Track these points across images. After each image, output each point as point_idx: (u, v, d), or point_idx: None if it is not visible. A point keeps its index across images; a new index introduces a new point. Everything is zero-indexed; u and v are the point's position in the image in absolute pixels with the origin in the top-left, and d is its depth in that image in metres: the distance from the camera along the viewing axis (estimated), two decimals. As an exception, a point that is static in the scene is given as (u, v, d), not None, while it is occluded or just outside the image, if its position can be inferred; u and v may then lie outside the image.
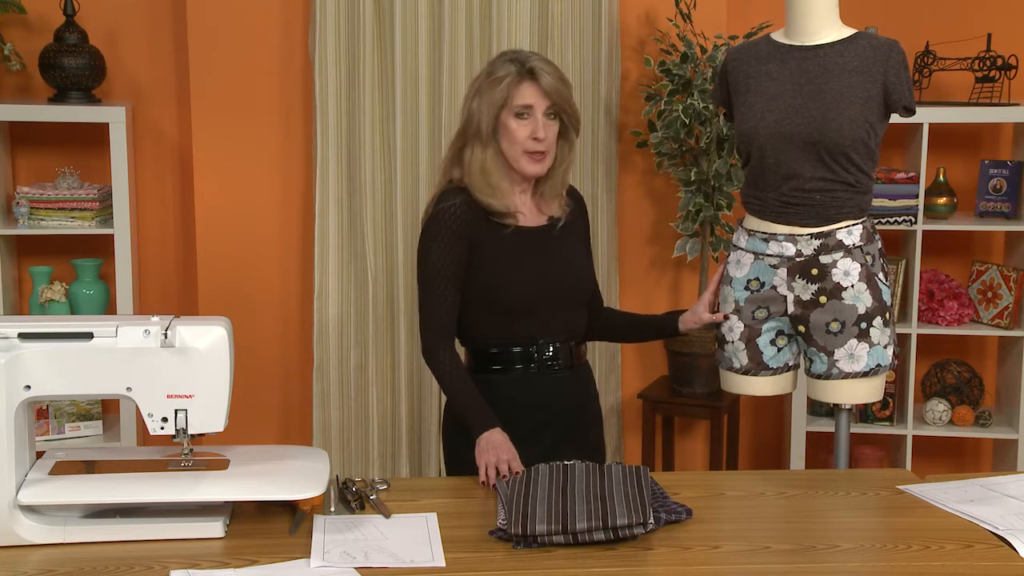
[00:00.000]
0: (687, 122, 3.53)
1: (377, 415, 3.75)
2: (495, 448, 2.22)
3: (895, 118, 2.71)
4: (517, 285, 2.40)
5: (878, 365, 2.66)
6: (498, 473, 2.17)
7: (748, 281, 2.70)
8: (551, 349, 2.44)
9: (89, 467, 2.05)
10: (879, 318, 2.64)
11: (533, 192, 2.47)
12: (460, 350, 2.50)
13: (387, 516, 2.04)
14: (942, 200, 3.81)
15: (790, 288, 2.66)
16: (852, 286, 2.62)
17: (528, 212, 2.46)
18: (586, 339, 2.57)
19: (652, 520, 1.96)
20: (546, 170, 2.41)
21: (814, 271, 2.63)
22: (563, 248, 2.47)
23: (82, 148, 3.77)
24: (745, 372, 2.75)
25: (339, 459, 3.76)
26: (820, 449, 3.92)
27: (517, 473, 2.16)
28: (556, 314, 2.45)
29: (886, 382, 3.29)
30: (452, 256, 2.40)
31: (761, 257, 2.68)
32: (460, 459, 2.38)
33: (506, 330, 2.43)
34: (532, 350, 2.44)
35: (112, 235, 3.56)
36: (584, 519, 1.93)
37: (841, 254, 2.62)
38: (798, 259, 2.64)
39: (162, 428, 2.00)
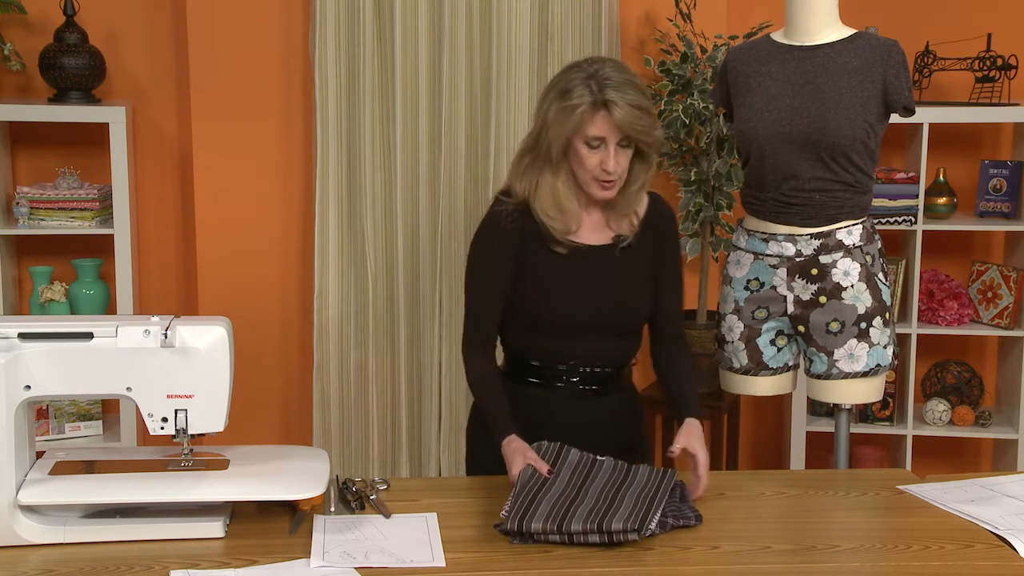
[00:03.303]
0: (687, 122, 3.53)
1: (377, 415, 3.75)
2: (523, 451, 2.16)
3: (895, 118, 2.71)
4: (556, 304, 2.28)
5: (878, 365, 2.66)
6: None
7: (748, 281, 2.70)
8: (583, 372, 2.32)
9: (89, 467, 2.05)
10: (879, 318, 2.64)
11: (604, 207, 2.30)
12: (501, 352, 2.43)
13: (387, 516, 2.04)
14: (942, 200, 3.81)
15: (790, 288, 2.66)
16: (852, 286, 2.62)
17: (593, 228, 2.31)
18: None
19: (653, 526, 1.94)
20: (615, 193, 2.26)
21: (814, 271, 2.63)
22: (620, 271, 2.30)
23: (82, 148, 3.77)
24: (745, 372, 2.75)
25: (339, 459, 3.76)
26: (820, 449, 3.92)
27: (549, 473, 2.11)
28: (595, 338, 2.30)
29: (886, 382, 3.29)
30: (497, 263, 2.31)
31: (761, 257, 2.68)
32: (480, 463, 2.37)
33: (542, 345, 2.33)
34: (563, 370, 2.32)
35: (112, 235, 3.56)
36: (580, 521, 1.93)
37: (841, 254, 2.62)
38: (798, 259, 2.64)
39: (162, 428, 2.00)
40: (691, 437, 2.21)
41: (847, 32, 2.64)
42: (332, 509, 2.05)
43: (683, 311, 2.42)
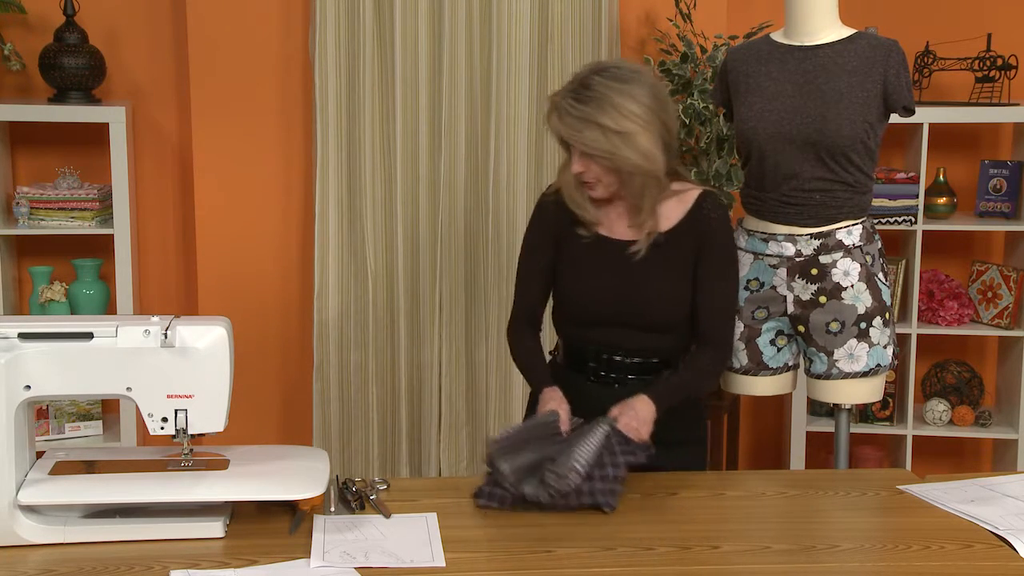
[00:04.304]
0: (687, 122, 3.53)
1: (377, 415, 3.75)
2: (558, 401, 2.26)
3: (895, 118, 2.71)
4: (574, 288, 2.38)
5: (878, 365, 2.66)
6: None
7: (748, 281, 2.70)
8: (608, 360, 2.37)
9: (89, 467, 2.05)
10: (879, 318, 2.65)
11: (628, 206, 2.34)
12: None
13: (387, 516, 2.04)
14: (942, 200, 3.81)
15: (790, 288, 2.66)
16: (852, 286, 2.62)
17: (620, 223, 2.36)
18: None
19: (579, 467, 2.02)
20: (606, 195, 2.31)
21: (814, 271, 2.63)
22: (645, 267, 2.33)
23: (82, 148, 3.77)
24: (745, 372, 2.75)
25: (339, 459, 3.76)
26: (820, 449, 3.92)
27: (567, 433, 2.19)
28: (618, 328, 2.35)
29: (886, 382, 3.29)
30: (538, 247, 2.43)
31: (761, 257, 2.68)
32: None
33: (572, 332, 2.42)
34: (590, 357, 2.38)
35: (112, 235, 3.56)
36: (531, 486, 2.04)
37: (841, 254, 2.62)
38: (798, 259, 2.64)
39: (162, 428, 2.00)
40: (625, 407, 2.23)
41: (847, 32, 2.64)
42: (332, 509, 2.05)
43: (724, 314, 2.38)
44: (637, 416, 2.22)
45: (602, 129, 2.21)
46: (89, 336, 1.95)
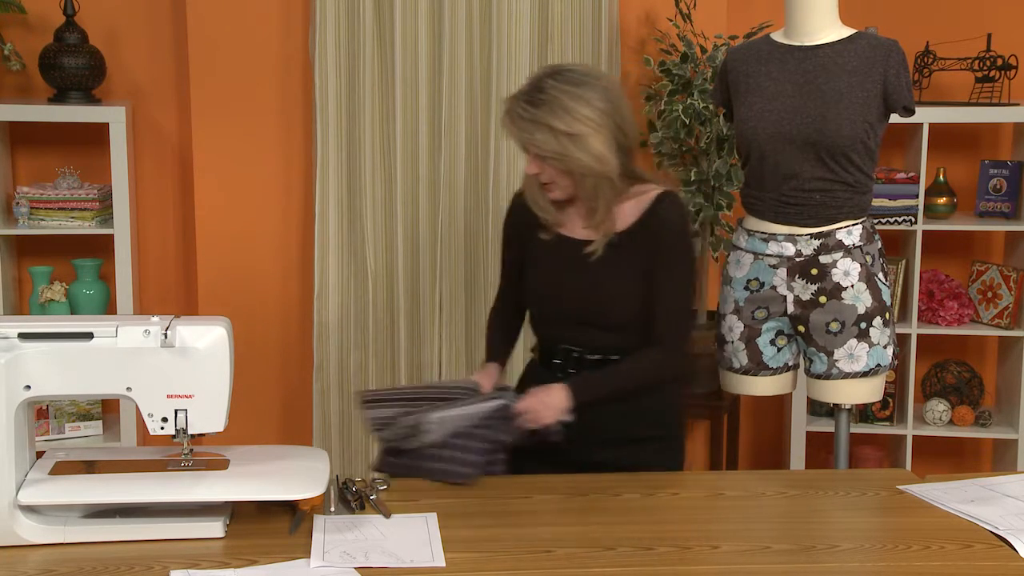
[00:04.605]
0: (687, 122, 3.53)
1: (377, 415, 3.75)
2: (487, 374, 2.44)
3: (895, 118, 2.71)
4: (534, 288, 2.45)
5: (878, 365, 2.66)
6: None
7: (748, 281, 2.71)
8: (573, 357, 2.40)
9: (89, 467, 2.05)
10: (879, 318, 2.65)
11: (583, 208, 2.38)
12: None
13: (387, 516, 2.04)
14: (942, 200, 3.81)
15: (790, 288, 2.66)
16: (852, 286, 2.62)
17: (576, 224, 2.40)
18: None
19: (427, 426, 2.18)
20: (563, 196, 2.35)
21: (814, 271, 2.63)
22: (601, 266, 2.36)
23: (82, 148, 3.77)
24: (745, 372, 2.75)
25: (339, 459, 3.76)
26: (820, 449, 3.92)
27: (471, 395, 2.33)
28: (580, 327, 2.39)
29: (886, 382, 3.29)
30: (508, 242, 2.54)
31: (761, 257, 2.68)
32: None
33: (540, 330, 2.50)
34: (556, 354, 2.43)
35: (112, 235, 3.56)
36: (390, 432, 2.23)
37: (841, 254, 2.62)
38: (798, 259, 2.64)
39: (162, 428, 2.00)
40: (539, 390, 2.31)
41: (847, 32, 2.64)
42: (332, 509, 2.05)
43: (673, 315, 2.36)
44: (542, 400, 2.28)
45: (552, 131, 2.24)
46: (89, 336, 1.95)
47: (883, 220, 3.70)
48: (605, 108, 2.27)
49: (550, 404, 2.28)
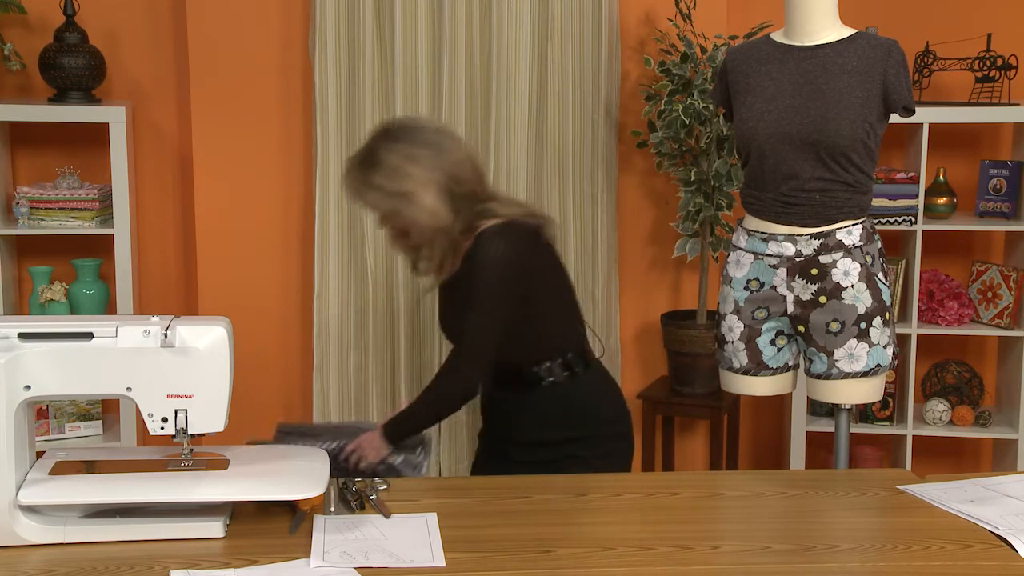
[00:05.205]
0: (687, 122, 3.53)
1: (377, 415, 3.75)
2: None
3: (895, 118, 2.71)
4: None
5: (878, 365, 2.66)
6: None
7: (748, 281, 2.71)
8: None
9: (89, 467, 2.05)
10: (879, 318, 2.64)
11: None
12: None
13: (387, 516, 2.04)
14: (942, 200, 3.81)
15: (790, 288, 2.66)
16: (852, 286, 2.62)
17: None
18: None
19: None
20: (409, 248, 2.51)
21: (814, 271, 2.63)
22: (452, 305, 2.54)
23: (82, 148, 3.77)
24: (745, 372, 2.75)
25: (339, 459, 3.75)
26: (820, 449, 3.92)
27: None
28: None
29: (886, 382, 3.29)
30: None
31: (761, 257, 2.68)
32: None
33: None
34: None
35: (112, 235, 3.56)
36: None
37: (841, 254, 2.62)
38: (798, 259, 2.64)
39: (162, 428, 2.00)
40: (362, 438, 2.46)
41: (847, 32, 2.64)
42: (332, 509, 2.05)
43: (466, 342, 2.47)
44: (360, 444, 2.44)
45: (383, 192, 2.38)
46: (89, 336, 1.95)
47: (883, 220, 3.70)
48: (430, 161, 2.37)
49: (371, 444, 2.45)
